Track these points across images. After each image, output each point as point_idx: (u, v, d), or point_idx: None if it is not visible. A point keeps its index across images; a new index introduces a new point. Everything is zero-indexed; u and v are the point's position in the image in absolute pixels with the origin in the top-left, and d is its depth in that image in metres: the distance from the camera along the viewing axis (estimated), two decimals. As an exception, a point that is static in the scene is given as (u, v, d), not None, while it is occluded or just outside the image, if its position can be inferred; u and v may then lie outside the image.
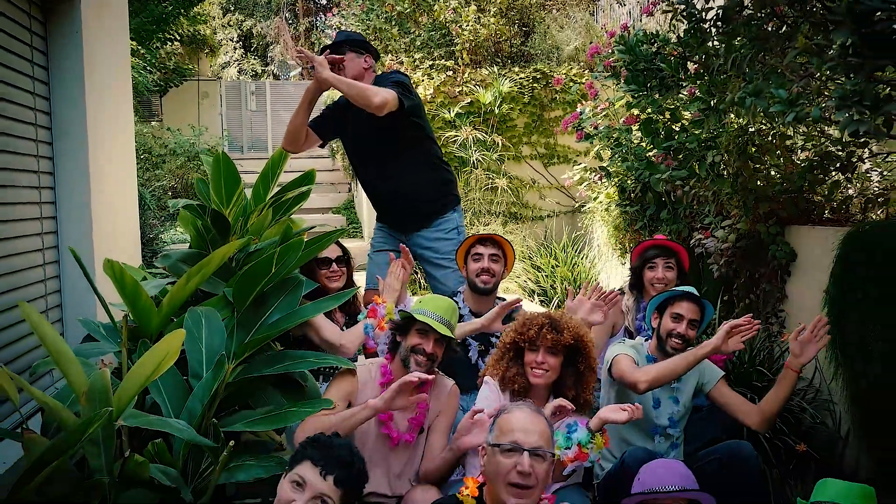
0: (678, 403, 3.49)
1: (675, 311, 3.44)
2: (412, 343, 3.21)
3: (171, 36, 11.26)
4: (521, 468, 2.34)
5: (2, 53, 3.65)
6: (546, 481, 2.43)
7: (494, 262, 4.00)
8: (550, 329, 3.15)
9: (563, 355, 3.19)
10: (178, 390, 3.09)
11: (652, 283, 4.01)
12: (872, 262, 3.27)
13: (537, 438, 2.40)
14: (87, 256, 4.13)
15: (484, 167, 8.28)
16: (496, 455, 2.41)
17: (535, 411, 2.53)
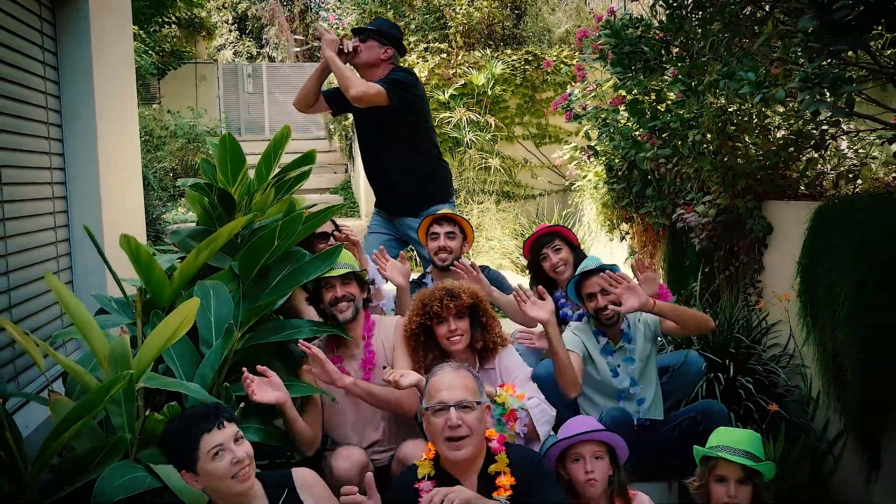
0: (634, 361, 3.74)
1: (587, 292, 3.72)
2: (327, 300, 3.47)
3: (168, 19, 11.38)
4: (451, 422, 2.58)
5: (14, 40, 3.82)
6: (481, 427, 2.66)
7: (451, 239, 4.23)
8: (450, 298, 3.37)
9: (468, 316, 3.42)
10: (189, 357, 3.31)
11: (554, 270, 4.24)
12: (841, 234, 3.48)
13: (461, 392, 2.64)
14: (97, 235, 4.33)
15: (477, 147, 8.47)
16: (430, 417, 2.66)
17: (456, 368, 2.76)
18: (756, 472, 2.84)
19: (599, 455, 2.91)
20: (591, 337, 3.77)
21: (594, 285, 3.69)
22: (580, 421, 3.05)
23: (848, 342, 3.38)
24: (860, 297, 3.31)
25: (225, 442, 2.47)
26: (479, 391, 2.72)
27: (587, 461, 2.88)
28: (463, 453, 2.60)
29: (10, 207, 3.71)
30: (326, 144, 13.28)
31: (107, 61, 4.73)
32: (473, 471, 2.67)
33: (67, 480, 2.68)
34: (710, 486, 2.90)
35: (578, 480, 2.90)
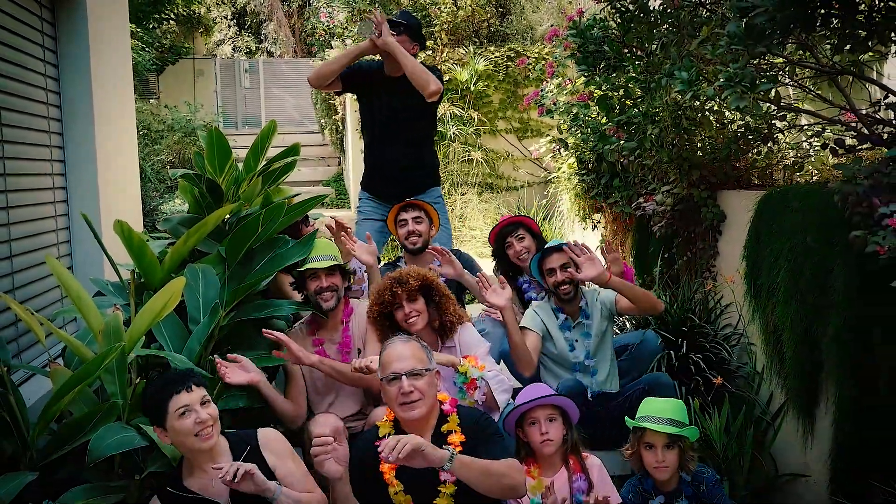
0: (590, 336, 4.04)
1: (547, 268, 4.04)
2: (312, 289, 3.76)
3: (166, 15, 11.63)
4: (403, 389, 2.86)
5: (15, 39, 4.09)
6: (431, 391, 2.93)
7: (418, 223, 4.50)
8: (398, 284, 3.64)
9: (421, 296, 3.69)
10: (178, 334, 3.60)
11: (517, 258, 4.53)
12: (780, 221, 3.78)
13: (410, 362, 2.91)
14: (95, 224, 4.57)
15: (461, 141, 8.76)
16: (385, 386, 2.95)
17: (405, 340, 3.03)
18: (681, 437, 3.13)
19: (553, 417, 3.20)
20: (551, 314, 4.07)
21: (554, 261, 4.00)
22: (534, 388, 3.34)
23: (785, 319, 3.68)
24: (794, 278, 3.61)
25: (191, 403, 2.72)
26: (428, 359, 2.99)
27: (542, 423, 3.17)
28: (416, 413, 2.88)
29: (14, 197, 3.98)
30: (319, 138, 13.58)
31: (104, 59, 4.99)
32: (427, 430, 2.94)
33: (65, 441, 2.97)
34: (640, 453, 3.21)
35: (535, 441, 3.20)
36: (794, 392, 3.75)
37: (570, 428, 3.26)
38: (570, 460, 3.24)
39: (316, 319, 3.86)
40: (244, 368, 3.43)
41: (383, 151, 4.91)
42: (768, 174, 4.46)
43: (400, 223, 4.54)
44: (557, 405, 3.24)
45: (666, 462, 3.13)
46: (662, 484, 3.20)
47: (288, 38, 22.60)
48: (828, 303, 3.40)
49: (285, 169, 4.49)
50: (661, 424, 3.10)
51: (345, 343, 3.82)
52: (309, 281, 3.77)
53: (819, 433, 3.63)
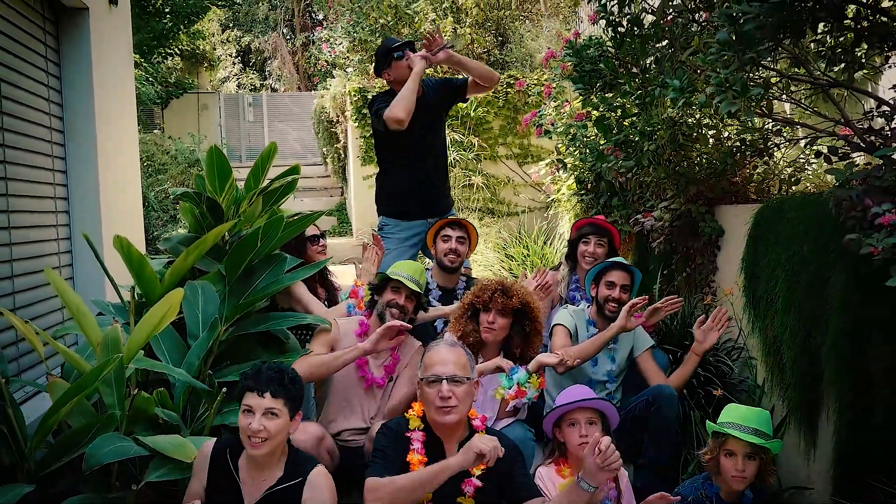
0: (614, 362, 4.04)
1: (608, 280, 4.01)
2: (387, 299, 3.80)
3: (171, 51, 11.80)
4: (442, 394, 2.87)
5: (20, 63, 4.16)
6: (469, 400, 2.96)
7: (461, 243, 4.53)
8: (501, 294, 3.68)
9: (512, 317, 3.70)
10: (177, 349, 3.62)
11: (584, 255, 4.53)
12: (776, 232, 3.79)
13: (452, 368, 2.93)
14: (97, 245, 4.62)
15: (462, 166, 8.84)
16: (424, 387, 2.96)
17: (451, 345, 3.06)
18: (763, 448, 3.04)
19: (593, 421, 3.13)
20: (584, 323, 4.08)
21: (618, 277, 4.02)
22: (577, 389, 3.26)
23: (784, 329, 3.68)
24: (792, 287, 3.61)
25: (255, 408, 2.72)
26: (470, 368, 3.00)
27: (582, 426, 3.10)
28: (450, 418, 2.89)
29: (16, 217, 4.02)
30: (322, 170, 13.70)
31: (107, 84, 5.06)
32: (455, 438, 2.96)
33: (63, 453, 2.97)
34: (719, 459, 3.10)
35: (572, 443, 3.12)
36: (795, 403, 3.73)
37: (608, 434, 3.15)
38: None
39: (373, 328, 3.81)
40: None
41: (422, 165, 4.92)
42: (765, 189, 4.48)
43: (444, 238, 4.56)
44: (599, 409, 3.18)
45: (746, 472, 3.04)
46: (727, 494, 3.13)
47: (292, 75, 22.90)
48: (826, 310, 3.39)
49: (286, 190, 4.51)
50: (746, 434, 3.01)
51: (389, 367, 3.84)
52: (390, 290, 3.82)
53: (821, 445, 3.61)
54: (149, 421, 3.17)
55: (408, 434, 2.96)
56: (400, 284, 3.79)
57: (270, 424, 2.72)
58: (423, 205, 4.93)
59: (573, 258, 4.63)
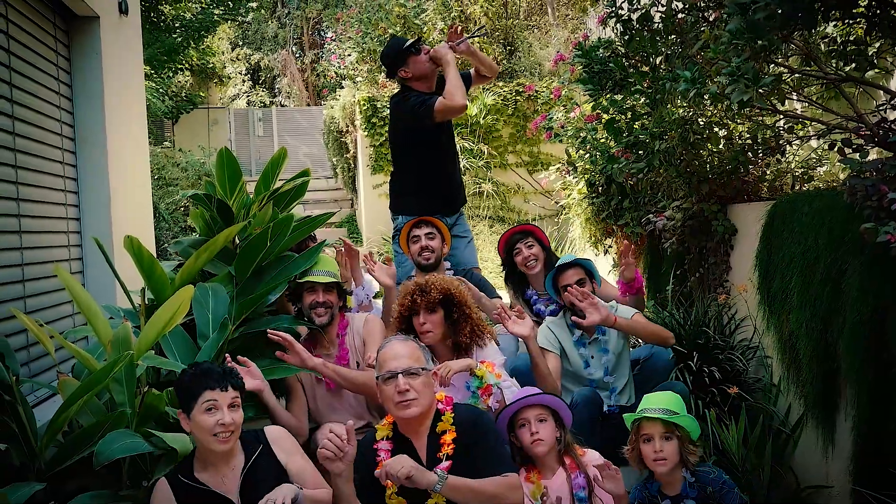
0: (608, 352, 3.99)
1: (562, 284, 4.01)
2: (308, 302, 3.79)
3: (181, 66, 11.88)
4: (399, 388, 2.87)
5: (32, 70, 4.19)
6: (427, 391, 2.94)
7: (430, 239, 4.52)
8: (420, 293, 3.61)
9: (442, 309, 3.63)
10: (187, 349, 3.60)
11: (525, 264, 4.55)
12: (790, 227, 3.76)
13: (407, 361, 2.93)
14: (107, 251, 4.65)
15: (472, 174, 8.85)
16: (381, 385, 2.96)
17: (403, 339, 3.08)
18: (679, 428, 3.06)
19: (543, 418, 3.15)
20: (566, 329, 4.03)
21: (570, 277, 3.98)
22: (523, 390, 3.30)
23: (799, 324, 3.63)
24: (807, 282, 3.57)
25: (221, 402, 2.75)
26: (425, 359, 3.01)
27: (532, 423, 3.13)
28: (411, 412, 2.88)
29: (27, 222, 4.03)
30: (332, 183, 13.75)
31: (117, 93, 5.10)
32: (423, 430, 2.95)
33: (74, 451, 2.95)
34: (640, 448, 3.13)
35: (525, 442, 3.14)
36: (812, 400, 3.67)
37: (563, 428, 3.21)
38: (566, 460, 3.19)
39: (313, 337, 3.88)
40: (251, 374, 3.43)
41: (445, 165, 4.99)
42: (777, 187, 4.44)
43: (413, 239, 4.55)
44: (547, 405, 3.19)
45: (664, 453, 3.04)
46: (667, 487, 3.13)
47: (301, 92, 23.03)
48: (842, 303, 3.35)
49: (297, 194, 4.51)
50: (655, 413, 3.05)
51: (342, 356, 3.82)
52: (305, 294, 3.80)
53: (839, 442, 3.55)
54: (159, 420, 3.15)
55: (375, 446, 2.96)
56: (312, 283, 3.76)
57: (237, 416, 2.78)
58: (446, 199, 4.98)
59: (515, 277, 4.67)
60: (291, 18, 23.17)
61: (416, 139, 4.89)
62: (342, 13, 10.43)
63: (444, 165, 4.96)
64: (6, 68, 3.88)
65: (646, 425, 3.09)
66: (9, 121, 3.88)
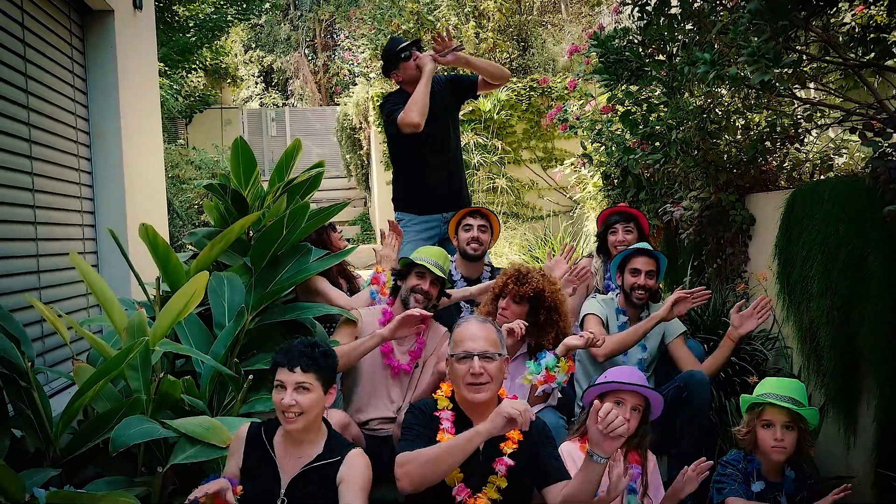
0: (646, 350, 3.95)
1: (633, 267, 3.94)
2: (411, 284, 3.75)
3: (195, 66, 11.91)
4: (473, 370, 2.79)
5: (47, 63, 4.19)
6: (500, 377, 2.87)
7: (482, 232, 4.49)
8: (515, 281, 3.61)
9: (528, 304, 3.62)
10: (203, 339, 3.59)
11: (615, 245, 4.46)
12: (810, 215, 3.71)
13: (484, 344, 2.84)
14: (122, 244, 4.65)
15: (486, 169, 8.82)
16: (454, 364, 2.87)
17: (482, 321, 2.96)
18: (801, 418, 2.99)
19: (638, 408, 3.03)
20: (613, 312, 4.00)
21: (642, 263, 3.93)
22: (629, 371, 3.15)
23: (820, 313, 3.58)
24: (828, 270, 3.52)
25: (286, 382, 2.68)
26: (500, 344, 2.91)
27: (627, 409, 2.99)
28: (482, 396, 2.81)
29: (42, 213, 4.03)
30: (345, 182, 13.74)
31: (132, 86, 5.10)
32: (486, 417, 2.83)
33: (89, 437, 2.94)
34: (756, 432, 3.05)
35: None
36: (833, 389, 3.63)
37: (646, 423, 3.08)
38: (629, 451, 3.07)
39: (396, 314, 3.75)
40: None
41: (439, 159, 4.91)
42: (796, 176, 4.39)
43: (465, 227, 4.53)
44: (647, 397, 3.08)
45: (785, 442, 2.99)
46: (766, 470, 3.07)
47: (314, 94, 23.07)
48: (864, 290, 3.31)
49: (311, 186, 4.48)
50: (784, 401, 2.97)
51: (415, 352, 3.80)
52: (414, 276, 3.77)
53: (861, 432, 3.51)
54: (175, 408, 3.14)
55: (437, 413, 2.89)
56: (424, 270, 3.74)
57: (303, 399, 2.67)
58: (438, 200, 4.93)
59: (605, 250, 4.56)
60: (304, 21, 23.22)
61: (397, 142, 4.96)
62: (355, 10, 10.42)
63: (427, 170, 4.91)
64: (22, 60, 3.89)
65: (769, 411, 3.02)
66: (24, 112, 3.88)
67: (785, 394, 3.00)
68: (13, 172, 3.74)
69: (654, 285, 3.91)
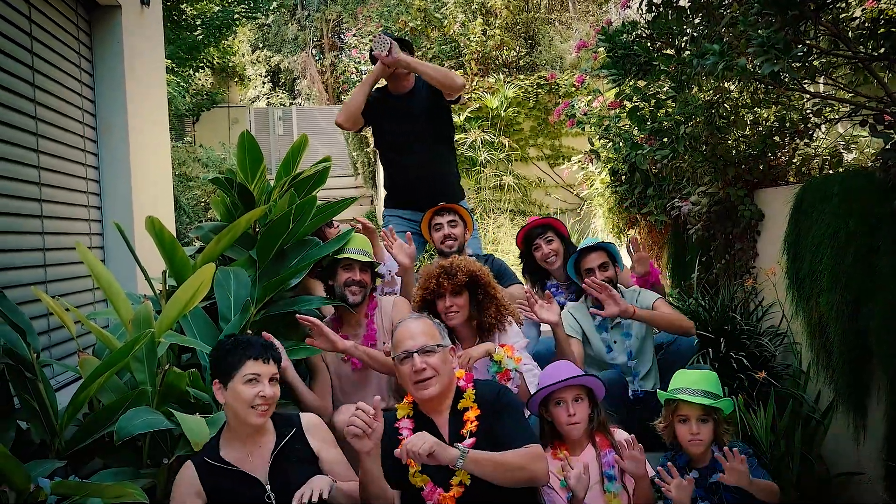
0: (631, 336, 3.93)
1: (585, 267, 3.98)
2: (343, 279, 3.74)
3: (202, 64, 11.92)
4: (415, 367, 2.81)
5: (55, 58, 4.20)
6: (446, 368, 2.87)
7: (453, 227, 4.49)
8: (446, 276, 3.58)
9: (467, 292, 3.61)
10: (209, 332, 3.57)
11: (544, 260, 4.45)
12: (820, 209, 3.68)
13: (422, 339, 2.86)
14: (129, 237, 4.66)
15: (493, 167, 8.81)
16: (398, 366, 2.90)
17: (417, 318, 3.00)
18: (716, 409, 3.03)
19: (580, 398, 3.09)
20: (587, 314, 3.97)
21: (593, 260, 3.92)
22: (559, 367, 3.21)
23: (830, 308, 3.56)
24: (838, 264, 3.50)
25: (262, 375, 2.70)
26: (441, 335, 2.94)
27: (569, 405, 3.06)
28: (429, 392, 2.82)
29: (48, 208, 4.03)
30: (352, 181, 13.74)
31: (139, 81, 5.11)
32: (444, 408, 2.89)
33: (94, 429, 2.93)
34: (674, 427, 3.10)
35: (561, 423, 3.08)
36: (843, 384, 3.60)
37: (596, 406, 3.14)
38: (596, 437, 3.13)
39: (340, 316, 3.84)
40: None
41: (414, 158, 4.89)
42: (805, 171, 4.37)
43: (435, 227, 4.52)
44: (584, 385, 3.13)
45: (701, 435, 3.03)
46: (696, 459, 3.10)
47: (321, 94, 23.06)
48: (874, 285, 3.28)
49: (318, 181, 4.47)
50: (696, 396, 3.01)
51: (370, 336, 3.79)
52: (341, 271, 3.75)
53: (871, 428, 3.48)
54: (180, 400, 3.12)
55: (396, 425, 2.90)
56: (349, 261, 3.73)
57: (276, 390, 2.74)
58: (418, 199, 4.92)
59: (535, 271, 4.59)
60: (311, 21, 23.22)
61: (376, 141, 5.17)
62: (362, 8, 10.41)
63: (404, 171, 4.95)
64: (30, 55, 3.89)
65: (683, 406, 3.06)
66: (31, 106, 3.89)
67: (698, 388, 3.04)
68: (20, 166, 3.75)
69: (612, 275, 3.91)
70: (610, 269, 3.95)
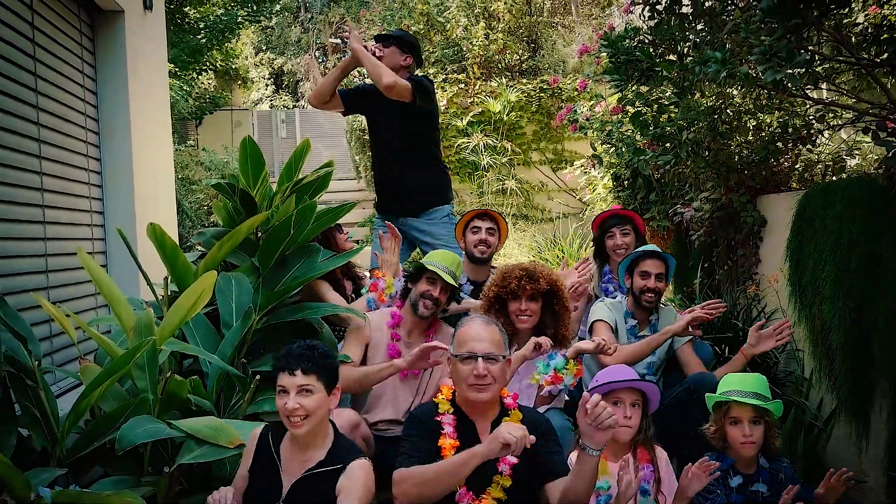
0: (654, 354, 3.91)
1: (642, 270, 3.90)
2: (421, 290, 3.70)
3: (205, 67, 11.92)
4: (477, 372, 2.77)
5: (57, 63, 4.19)
6: (503, 379, 2.86)
7: (490, 234, 4.45)
8: (528, 280, 3.58)
9: (542, 300, 3.62)
10: (210, 339, 3.57)
11: (614, 250, 4.40)
12: (823, 216, 3.68)
13: (488, 345, 2.82)
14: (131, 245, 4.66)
15: (495, 171, 8.80)
16: (457, 364, 2.85)
17: (486, 322, 2.93)
18: (766, 412, 3.00)
19: (637, 403, 3.03)
20: (622, 315, 3.96)
21: (652, 266, 3.88)
22: (622, 369, 3.16)
23: (832, 315, 3.55)
24: (841, 271, 3.49)
25: (288, 387, 2.66)
26: (504, 345, 2.90)
27: (626, 407, 3.00)
28: (484, 396, 2.80)
29: (51, 213, 4.02)
30: (354, 184, 13.72)
31: (142, 84, 5.10)
32: (488, 417, 2.87)
33: (96, 437, 2.92)
34: (725, 430, 3.05)
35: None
36: (845, 392, 3.59)
37: (647, 417, 3.10)
38: (638, 449, 3.07)
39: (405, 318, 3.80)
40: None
41: (385, 158, 4.94)
42: (808, 178, 4.36)
43: (473, 229, 4.49)
44: (644, 391, 3.08)
45: (753, 437, 3.00)
46: (741, 465, 3.07)
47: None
48: (877, 292, 3.28)
49: (320, 185, 4.46)
50: (748, 398, 2.98)
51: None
52: (425, 281, 3.71)
53: (874, 435, 3.47)
54: (182, 408, 3.12)
55: (437, 418, 2.87)
56: (435, 276, 3.70)
57: (306, 402, 2.65)
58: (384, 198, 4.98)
59: (602, 255, 4.52)
60: (314, 23, 23.23)
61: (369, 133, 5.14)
62: (365, 11, 10.42)
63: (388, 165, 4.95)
64: (32, 60, 3.89)
65: (735, 408, 3.02)
66: (34, 111, 3.89)
67: (748, 389, 3.02)
68: (22, 171, 3.74)
69: (663, 288, 3.88)
70: (664, 281, 3.93)
